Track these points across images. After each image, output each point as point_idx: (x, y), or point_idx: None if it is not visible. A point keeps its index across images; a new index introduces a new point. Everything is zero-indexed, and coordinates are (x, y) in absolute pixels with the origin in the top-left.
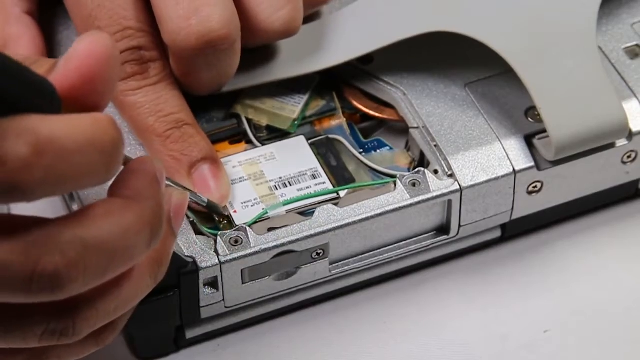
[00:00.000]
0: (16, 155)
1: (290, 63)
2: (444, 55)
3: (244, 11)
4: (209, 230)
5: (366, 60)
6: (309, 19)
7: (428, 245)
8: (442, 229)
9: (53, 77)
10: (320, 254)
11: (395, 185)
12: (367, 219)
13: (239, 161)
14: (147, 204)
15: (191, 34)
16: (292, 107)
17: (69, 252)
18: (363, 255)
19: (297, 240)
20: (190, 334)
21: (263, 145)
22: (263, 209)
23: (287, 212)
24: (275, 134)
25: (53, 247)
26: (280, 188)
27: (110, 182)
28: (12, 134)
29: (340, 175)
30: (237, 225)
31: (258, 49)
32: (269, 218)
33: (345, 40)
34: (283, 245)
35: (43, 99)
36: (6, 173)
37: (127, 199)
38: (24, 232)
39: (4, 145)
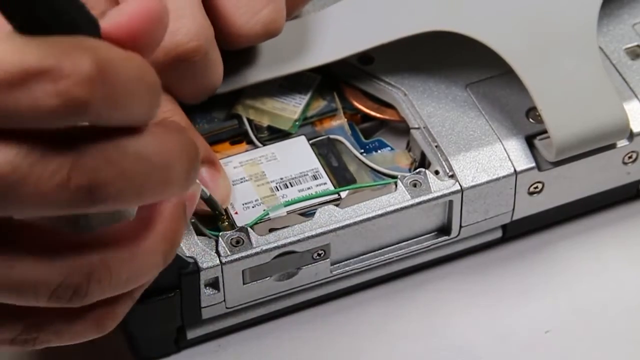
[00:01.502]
0: (80, 70)
1: (287, 60)
2: (445, 55)
3: (221, 17)
4: (210, 231)
5: (367, 60)
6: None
7: (429, 246)
8: (443, 230)
9: (102, 25)
10: (322, 255)
11: (396, 185)
12: (368, 219)
13: (239, 162)
14: (184, 135)
15: (159, 50)
16: (293, 108)
17: (110, 154)
18: (364, 256)
19: (298, 240)
20: (191, 334)
21: (264, 145)
22: (264, 210)
23: (288, 212)
24: (276, 135)
25: (96, 151)
26: (281, 189)
27: None
28: (77, 49)
29: (341, 176)
30: (238, 226)
31: (255, 48)
32: (270, 219)
33: (343, 36)
34: (284, 245)
35: (95, 34)
36: (69, 87)
37: (167, 128)
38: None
39: (68, 59)
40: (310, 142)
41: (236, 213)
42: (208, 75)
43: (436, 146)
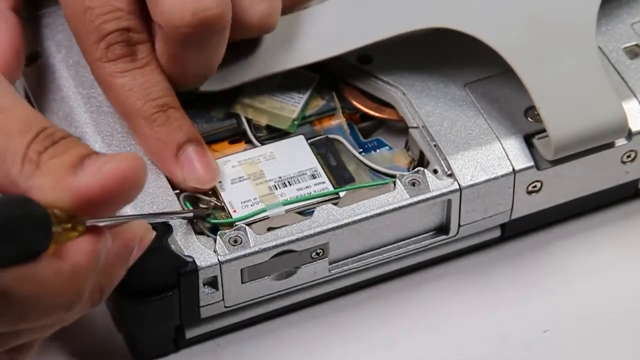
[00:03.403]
0: None
1: (285, 56)
2: (443, 55)
3: None
4: (210, 223)
5: (366, 60)
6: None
7: (427, 245)
8: (442, 229)
9: (75, 180)
10: (320, 254)
11: (394, 185)
12: (366, 218)
13: (238, 161)
14: (80, 276)
15: (187, 10)
16: (292, 107)
17: None
18: (362, 255)
19: (297, 239)
20: (189, 333)
21: (263, 144)
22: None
23: (287, 211)
24: (274, 134)
25: None
26: (279, 188)
27: None
28: None
29: (340, 175)
30: (235, 224)
31: (252, 44)
32: (268, 217)
33: (342, 32)
34: (282, 244)
35: (36, 235)
36: None
37: (61, 263)
38: None
39: None
40: (309, 141)
41: (234, 211)
42: (216, 52)
43: (435, 145)
